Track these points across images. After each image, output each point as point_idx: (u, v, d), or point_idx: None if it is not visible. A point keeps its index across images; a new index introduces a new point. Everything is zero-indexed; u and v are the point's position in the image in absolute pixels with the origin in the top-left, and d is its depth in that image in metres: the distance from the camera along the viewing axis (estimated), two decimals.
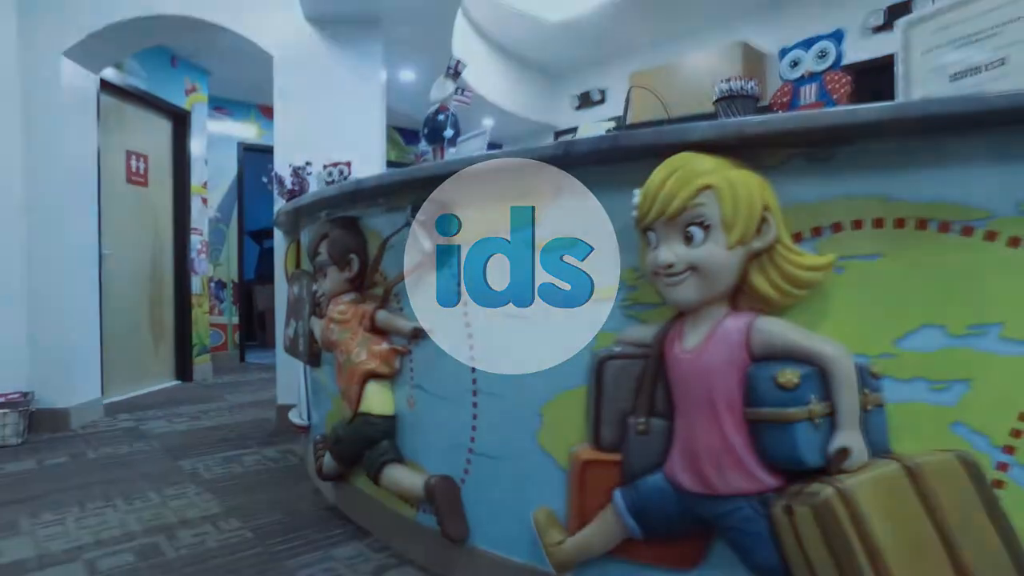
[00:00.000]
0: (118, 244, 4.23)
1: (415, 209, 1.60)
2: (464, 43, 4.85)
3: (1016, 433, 0.99)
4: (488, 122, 6.28)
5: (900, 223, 1.05)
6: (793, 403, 1.02)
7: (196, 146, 5.14)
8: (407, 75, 4.86)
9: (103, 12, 3.34)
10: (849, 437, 1.02)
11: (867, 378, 1.05)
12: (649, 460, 1.20)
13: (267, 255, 7.68)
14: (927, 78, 1.09)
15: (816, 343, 1.04)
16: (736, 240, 1.06)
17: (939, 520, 0.98)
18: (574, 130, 6.10)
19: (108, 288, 4.02)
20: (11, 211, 3.29)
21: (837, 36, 1.24)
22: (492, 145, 5.96)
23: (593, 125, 1.73)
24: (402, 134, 6.98)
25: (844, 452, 1.01)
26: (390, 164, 6.56)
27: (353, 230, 1.93)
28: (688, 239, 1.09)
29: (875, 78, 3.46)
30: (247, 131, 6.17)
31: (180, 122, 5.00)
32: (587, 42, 5.45)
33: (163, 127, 4.87)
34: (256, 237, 7.69)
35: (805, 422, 1.02)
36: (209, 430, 3.36)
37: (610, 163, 1.27)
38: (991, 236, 1.00)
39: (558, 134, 6.39)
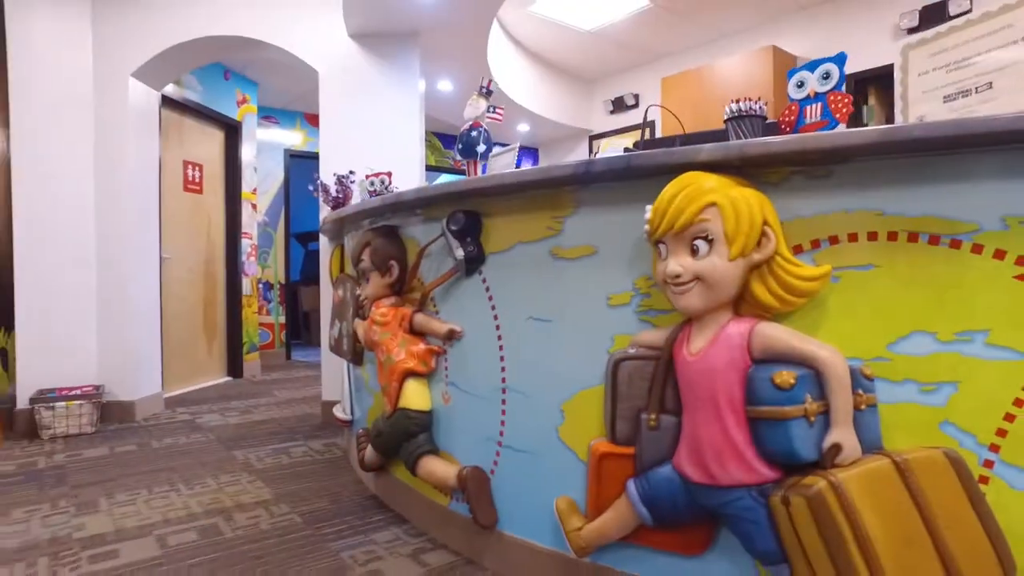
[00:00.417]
0: (176, 248, 4.52)
1: (450, 220, 1.73)
2: (500, 53, 4.99)
3: (1001, 432, 1.06)
4: (524, 127, 6.41)
5: (893, 236, 1.13)
6: (789, 402, 1.11)
7: (246, 154, 5.42)
8: (445, 85, 5.02)
9: (167, 36, 3.61)
10: (842, 434, 1.10)
11: (860, 379, 1.13)
12: (659, 453, 1.30)
13: (312, 257, 7.98)
14: (923, 98, 1.16)
15: (811, 347, 1.13)
16: (737, 252, 1.16)
17: (926, 512, 1.06)
18: (608, 134, 6.17)
19: (167, 290, 4.31)
20: (85, 219, 3.58)
21: (840, 59, 1.31)
22: (528, 149, 6.09)
23: (613, 144, 1.83)
24: (441, 139, 7.16)
25: (837, 447, 1.10)
26: (429, 168, 6.76)
27: (393, 238, 2.08)
28: (694, 251, 1.19)
29: None
30: (293, 138, 6.44)
31: (232, 132, 5.29)
32: (620, 49, 5.52)
33: (216, 137, 5.17)
34: (301, 240, 7.99)
35: (800, 419, 1.11)
36: (259, 423, 3.58)
37: (625, 180, 1.38)
38: (977, 249, 1.07)
39: (592, 138, 6.47)
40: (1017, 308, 1.04)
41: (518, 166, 1.91)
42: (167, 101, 4.34)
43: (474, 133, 2.00)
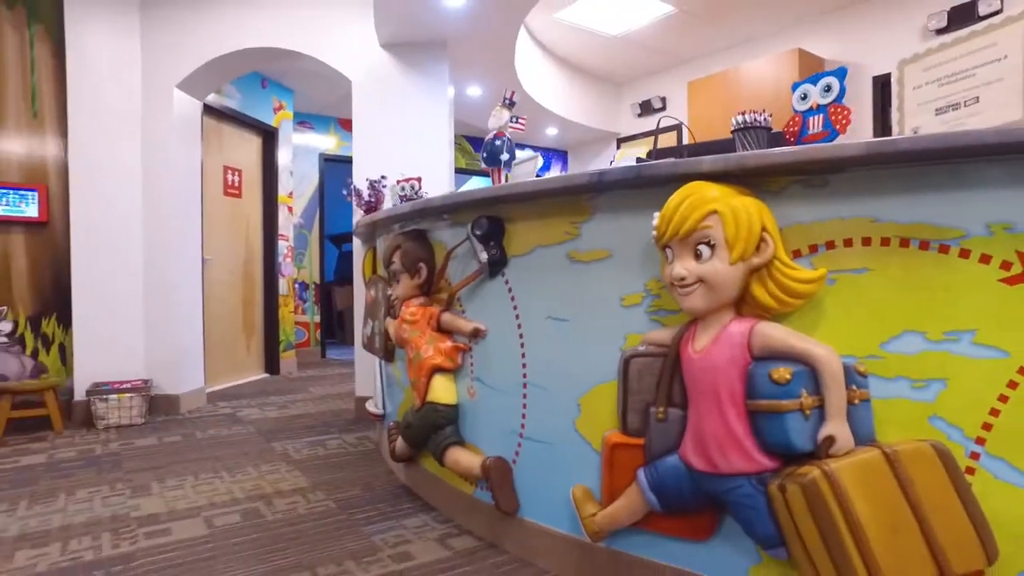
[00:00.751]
0: (217, 250, 4.75)
1: (474, 225, 1.85)
2: (527, 58, 5.09)
3: (987, 426, 1.13)
4: (552, 131, 6.51)
5: (885, 242, 1.20)
6: (786, 396, 1.19)
7: (283, 159, 5.64)
8: (474, 91, 5.15)
9: (209, 49, 3.82)
10: (835, 426, 1.18)
11: (854, 376, 1.21)
12: (667, 444, 1.39)
13: (345, 258, 8.20)
14: (918, 111, 1.23)
15: (807, 345, 1.21)
16: (737, 257, 1.24)
17: (914, 500, 1.13)
18: (635, 136, 6.22)
19: (208, 290, 4.53)
20: (134, 224, 3.80)
21: (840, 73, 1.39)
22: (557, 151, 6.17)
23: (628, 152, 1.92)
24: (471, 142, 7.30)
25: (831, 439, 1.17)
26: (459, 171, 6.90)
27: (422, 242, 2.20)
28: (698, 256, 1.28)
29: None
30: (327, 142, 6.65)
31: (269, 138, 5.51)
32: (646, 53, 5.58)
33: (254, 143, 5.39)
34: (335, 241, 8.22)
35: (796, 412, 1.19)
36: (296, 417, 3.76)
37: (636, 189, 1.48)
38: (964, 254, 1.14)
39: (620, 141, 6.53)
40: (1002, 309, 1.11)
41: (545, 171, 2.01)
42: (208, 109, 4.56)
43: (498, 142, 2.11)
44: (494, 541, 1.92)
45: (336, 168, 6.68)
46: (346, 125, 6.64)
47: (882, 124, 3.93)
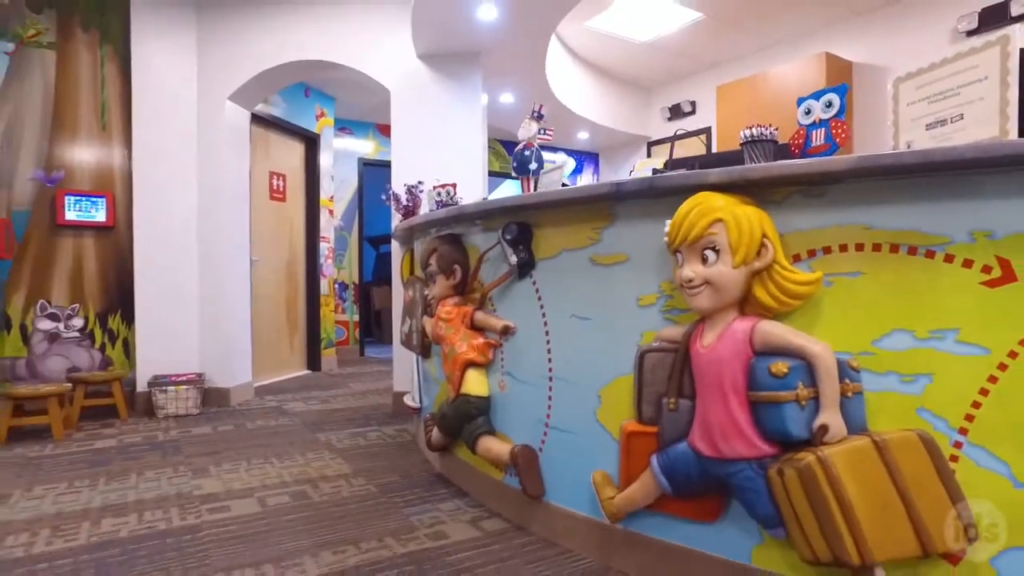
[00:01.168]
0: (263, 252, 5.01)
1: (505, 230, 2.00)
2: (558, 65, 5.23)
3: (969, 418, 1.23)
4: (583, 135, 6.63)
5: (877, 247, 1.31)
6: (783, 388, 1.31)
7: (324, 164, 5.89)
8: (507, 97, 5.31)
9: (258, 63, 4.07)
10: (829, 416, 1.29)
11: (848, 370, 1.32)
12: (677, 431, 1.52)
13: (383, 259, 8.45)
14: (911, 125, 1.34)
15: (804, 341, 1.32)
16: (740, 261, 1.37)
17: (900, 483, 1.24)
18: (665, 140, 6.29)
19: (255, 290, 4.79)
20: (189, 228, 4.08)
21: (841, 90, 1.49)
22: (588, 154, 6.29)
23: (647, 163, 2.05)
24: (504, 146, 7.46)
25: (824, 428, 1.29)
26: (493, 174, 7.07)
27: (457, 245, 2.36)
28: (704, 260, 1.41)
29: None
30: (366, 147, 6.89)
31: (311, 144, 5.77)
32: (675, 58, 5.66)
33: (297, 149, 5.65)
34: (373, 243, 8.48)
35: (793, 403, 1.31)
36: (337, 411, 3.98)
37: (650, 198, 1.61)
38: (949, 258, 1.24)
39: (651, 144, 6.61)
40: (983, 310, 1.21)
41: (578, 173, 2.14)
42: (255, 118, 4.82)
43: (527, 152, 2.26)
44: (522, 523, 2.07)
45: (374, 172, 6.91)
46: (384, 130, 6.88)
47: None
